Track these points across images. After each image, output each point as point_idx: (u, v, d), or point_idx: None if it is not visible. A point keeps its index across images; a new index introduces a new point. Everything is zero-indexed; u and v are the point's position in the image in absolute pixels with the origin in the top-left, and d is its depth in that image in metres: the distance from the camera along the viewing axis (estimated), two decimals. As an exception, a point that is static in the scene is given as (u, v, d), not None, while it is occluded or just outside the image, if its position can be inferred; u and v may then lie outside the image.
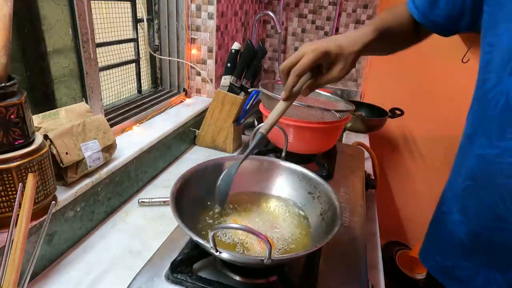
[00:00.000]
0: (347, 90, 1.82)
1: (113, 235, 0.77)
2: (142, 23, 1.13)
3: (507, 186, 0.56)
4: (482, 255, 0.63)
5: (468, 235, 0.64)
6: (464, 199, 0.64)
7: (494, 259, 0.62)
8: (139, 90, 1.19)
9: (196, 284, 0.55)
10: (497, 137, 0.56)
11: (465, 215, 0.64)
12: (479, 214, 0.61)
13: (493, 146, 0.57)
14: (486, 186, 0.59)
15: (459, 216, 0.65)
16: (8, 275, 0.44)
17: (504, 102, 0.54)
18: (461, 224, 0.65)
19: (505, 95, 0.53)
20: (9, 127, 0.51)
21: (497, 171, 0.57)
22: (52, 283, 0.63)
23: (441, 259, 0.70)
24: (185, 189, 0.63)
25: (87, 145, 0.70)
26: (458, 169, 0.67)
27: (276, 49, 1.87)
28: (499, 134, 0.56)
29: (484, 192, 0.60)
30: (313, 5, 1.73)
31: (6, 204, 0.53)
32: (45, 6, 0.69)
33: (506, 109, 0.54)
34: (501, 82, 0.54)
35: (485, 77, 0.58)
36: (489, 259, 0.63)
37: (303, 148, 0.97)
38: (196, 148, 1.21)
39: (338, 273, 0.61)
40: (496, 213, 0.58)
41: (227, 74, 1.11)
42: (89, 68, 0.81)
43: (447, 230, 0.69)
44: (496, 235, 0.60)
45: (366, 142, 1.37)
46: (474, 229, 0.63)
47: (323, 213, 0.64)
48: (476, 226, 0.62)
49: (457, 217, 0.66)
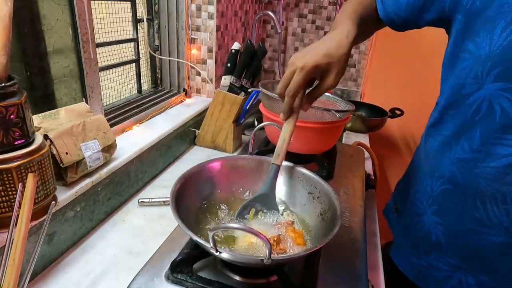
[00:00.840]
0: (347, 90, 1.82)
1: (113, 235, 0.77)
2: (142, 23, 1.13)
3: (489, 190, 0.56)
4: (458, 257, 0.64)
5: (446, 237, 0.64)
6: (441, 202, 0.64)
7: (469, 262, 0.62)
8: (139, 90, 1.19)
9: (196, 284, 0.55)
10: (479, 142, 0.56)
11: (443, 218, 0.64)
12: (458, 217, 0.61)
13: (475, 151, 0.57)
14: (466, 190, 0.59)
15: (436, 218, 0.65)
16: (8, 275, 0.44)
17: (487, 108, 0.54)
18: (438, 226, 0.65)
19: (488, 100, 0.54)
20: (9, 127, 0.51)
21: (479, 175, 0.57)
22: (52, 283, 0.63)
23: (416, 260, 0.71)
24: (185, 189, 0.63)
25: (87, 145, 0.70)
26: (431, 171, 0.67)
27: (276, 49, 1.87)
28: (482, 139, 0.56)
29: (463, 196, 0.60)
30: (313, 5, 1.73)
31: (6, 204, 0.53)
32: (45, 6, 0.69)
33: (489, 114, 0.54)
34: (483, 89, 0.54)
35: (463, 82, 0.58)
36: (463, 261, 0.63)
37: (303, 148, 0.97)
38: (196, 148, 1.21)
39: (338, 273, 0.61)
40: (475, 217, 0.59)
41: (227, 74, 1.11)
42: (89, 68, 0.81)
43: (422, 232, 0.69)
44: (474, 238, 0.60)
45: (366, 142, 1.37)
46: (452, 231, 0.63)
47: (323, 213, 0.64)
48: (454, 228, 0.63)
49: (433, 219, 0.66)
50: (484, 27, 0.53)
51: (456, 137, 0.60)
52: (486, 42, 0.53)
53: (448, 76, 0.64)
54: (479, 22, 0.54)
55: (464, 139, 0.59)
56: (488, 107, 0.54)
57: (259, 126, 0.76)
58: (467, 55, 0.57)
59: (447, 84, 0.63)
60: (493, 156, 0.55)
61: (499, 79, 0.52)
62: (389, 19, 0.67)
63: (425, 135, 0.72)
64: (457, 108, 0.60)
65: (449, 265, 0.65)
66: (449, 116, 0.62)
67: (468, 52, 0.57)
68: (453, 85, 0.61)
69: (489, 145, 0.55)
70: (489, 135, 0.55)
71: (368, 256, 0.73)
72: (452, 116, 0.61)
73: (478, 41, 0.54)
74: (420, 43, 1.58)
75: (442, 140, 0.64)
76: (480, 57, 0.54)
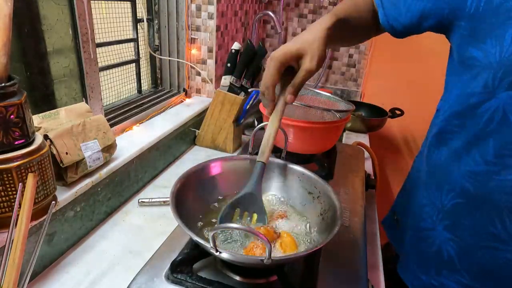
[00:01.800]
0: (347, 90, 1.82)
1: (113, 235, 0.77)
2: (142, 23, 1.13)
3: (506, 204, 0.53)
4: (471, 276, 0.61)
5: (458, 254, 0.61)
6: (453, 217, 0.61)
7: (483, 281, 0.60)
8: (139, 90, 1.19)
9: (196, 284, 0.54)
10: (493, 153, 0.54)
11: (456, 233, 0.61)
12: (472, 233, 0.59)
13: (489, 163, 0.54)
14: (481, 204, 0.57)
15: (448, 234, 0.62)
16: (8, 275, 0.44)
17: (500, 118, 0.52)
18: (450, 242, 0.62)
19: (502, 110, 0.52)
20: (9, 127, 0.51)
21: (495, 188, 0.54)
22: (52, 283, 0.63)
23: (426, 277, 0.68)
24: (185, 189, 0.63)
25: (87, 145, 0.70)
26: (439, 184, 0.64)
27: (276, 49, 1.87)
28: (496, 150, 0.53)
29: (479, 211, 0.57)
30: (313, 5, 1.73)
31: (6, 204, 0.53)
32: (45, 6, 0.69)
33: (503, 125, 0.52)
34: (495, 98, 0.52)
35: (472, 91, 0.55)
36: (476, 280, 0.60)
37: (303, 148, 0.97)
38: (196, 148, 1.21)
39: (338, 273, 0.61)
40: (492, 233, 0.56)
41: (227, 74, 1.11)
42: (89, 68, 0.81)
43: (432, 248, 0.66)
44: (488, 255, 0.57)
45: (366, 142, 1.37)
46: (465, 248, 0.60)
47: (323, 213, 0.64)
48: (467, 244, 0.60)
49: (444, 235, 0.63)
50: (491, 33, 0.51)
51: (466, 148, 0.57)
52: (496, 48, 0.50)
53: (453, 84, 0.61)
54: (485, 28, 0.52)
55: (475, 151, 0.56)
56: (502, 118, 0.51)
57: (259, 126, 0.76)
58: (473, 63, 0.54)
59: (452, 93, 0.61)
60: (510, 168, 0.52)
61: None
62: (389, 25, 0.65)
63: (428, 145, 0.68)
64: (464, 118, 0.57)
65: (461, 284, 0.62)
66: (456, 126, 0.60)
67: (474, 60, 0.54)
68: (459, 94, 0.58)
69: (505, 157, 0.52)
70: (503, 146, 0.52)
71: (368, 256, 0.73)
72: (460, 126, 0.59)
73: (484, 47, 0.52)
74: (420, 43, 1.58)
75: (450, 152, 0.61)
76: (489, 65, 0.51)
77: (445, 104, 0.63)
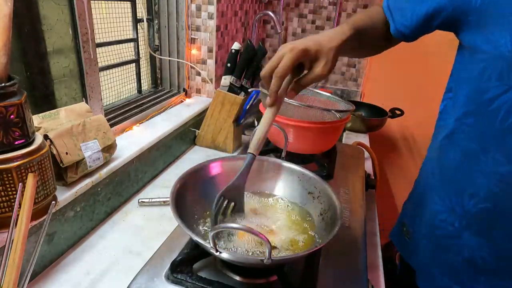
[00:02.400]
0: (347, 90, 1.82)
1: (113, 235, 0.77)
2: (142, 23, 1.13)
3: None
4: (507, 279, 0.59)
5: (495, 258, 0.59)
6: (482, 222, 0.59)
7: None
8: (139, 90, 1.19)
9: (196, 284, 0.54)
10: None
11: (488, 238, 0.59)
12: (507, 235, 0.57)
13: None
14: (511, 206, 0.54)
15: (480, 239, 0.60)
16: (8, 275, 0.44)
17: None
18: (483, 247, 0.60)
19: None
20: (9, 127, 0.51)
21: None
22: (52, 283, 0.63)
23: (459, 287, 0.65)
24: (185, 189, 0.63)
25: (87, 145, 0.70)
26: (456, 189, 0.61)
27: (276, 49, 1.86)
28: None
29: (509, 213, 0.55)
30: (313, 5, 1.73)
31: (6, 204, 0.53)
32: (45, 6, 0.69)
33: None
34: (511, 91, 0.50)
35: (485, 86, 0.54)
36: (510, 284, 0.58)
37: (303, 148, 0.97)
38: (196, 148, 1.21)
39: (338, 273, 0.61)
40: None
41: (227, 74, 1.11)
42: (89, 68, 0.81)
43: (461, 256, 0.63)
44: None
45: (366, 142, 1.37)
46: (502, 251, 0.58)
47: (323, 213, 0.64)
48: (504, 248, 0.58)
49: (475, 240, 0.60)
50: (498, 24, 0.50)
51: (483, 148, 0.55)
52: (507, 39, 0.49)
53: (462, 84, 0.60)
54: (492, 20, 0.51)
55: (495, 150, 0.54)
56: None
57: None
58: (484, 56, 0.53)
59: (461, 93, 0.59)
60: None
61: None
62: (398, 31, 0.65)
63: (439, 148, 0.66)
64: (477, 116, 0.56)
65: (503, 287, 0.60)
66: (468, 126, 0.58)
67: (484, 53, 0.53)
68: (471, 92, 0.57)
69: None
70: None
71: (368, 256, 0.73)
72: (471, 125, 0.57)
73: (493, 39, 0.51)
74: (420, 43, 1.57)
75: (463, 153, 0.59)
76: (501, 56, 0.50)
77: (454, 105, 0.62)
